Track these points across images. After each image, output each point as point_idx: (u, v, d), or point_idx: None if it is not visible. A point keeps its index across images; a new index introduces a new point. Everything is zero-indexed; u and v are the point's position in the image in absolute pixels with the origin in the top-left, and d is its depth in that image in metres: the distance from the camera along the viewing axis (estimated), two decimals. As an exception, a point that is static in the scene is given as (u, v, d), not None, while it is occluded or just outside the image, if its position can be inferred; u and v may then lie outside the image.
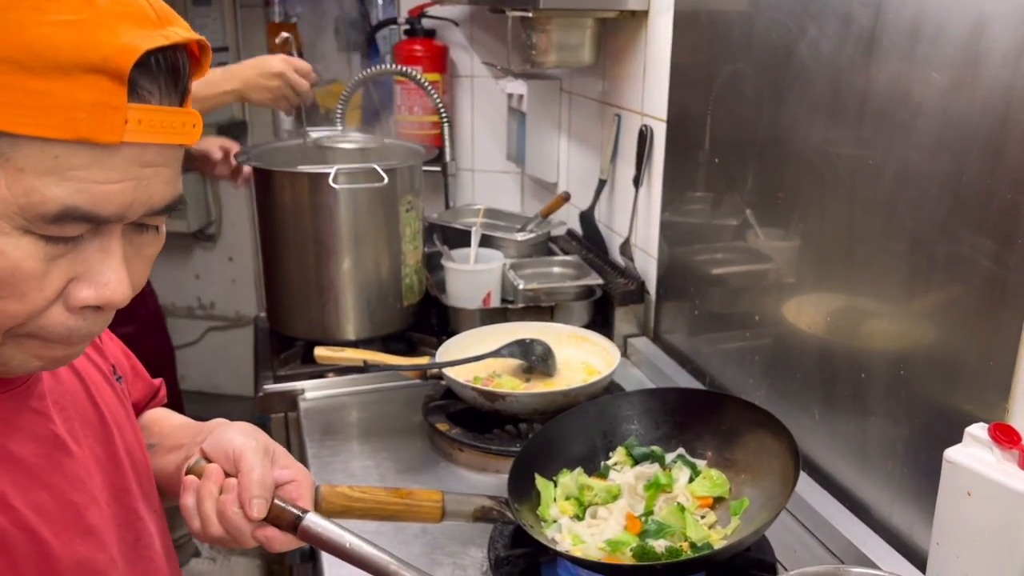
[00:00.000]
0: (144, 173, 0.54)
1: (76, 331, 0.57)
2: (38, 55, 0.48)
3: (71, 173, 0.51)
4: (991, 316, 0.88)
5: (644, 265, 1.67)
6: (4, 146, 0.50)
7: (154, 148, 0.54)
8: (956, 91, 0.90)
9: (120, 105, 0.51)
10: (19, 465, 0.61)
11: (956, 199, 0.91)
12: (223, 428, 0.77)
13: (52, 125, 0.50)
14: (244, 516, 0.71)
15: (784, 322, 1.24)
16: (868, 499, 1.08)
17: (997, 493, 0.80)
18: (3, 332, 0.55)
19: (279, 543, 0.73)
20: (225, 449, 0.74)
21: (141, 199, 0.55)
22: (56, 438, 0.65)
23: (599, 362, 1.45)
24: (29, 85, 0.49)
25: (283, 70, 1.60)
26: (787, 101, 1.18)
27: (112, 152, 0.52)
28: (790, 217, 1.21)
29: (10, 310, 0.54)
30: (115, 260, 0.56)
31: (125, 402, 0.79)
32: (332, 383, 1.52)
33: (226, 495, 0.72)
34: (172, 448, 0.82)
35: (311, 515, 0.72)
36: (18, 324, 0.55)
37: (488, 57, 2.30)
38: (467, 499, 0.98)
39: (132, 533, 0.71)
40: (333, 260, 1.56)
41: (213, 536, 0.72)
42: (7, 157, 0.50)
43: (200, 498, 0.72)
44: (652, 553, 0.96)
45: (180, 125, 0.55)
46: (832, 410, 1.14)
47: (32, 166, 0.50)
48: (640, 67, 1.64)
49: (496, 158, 2.36)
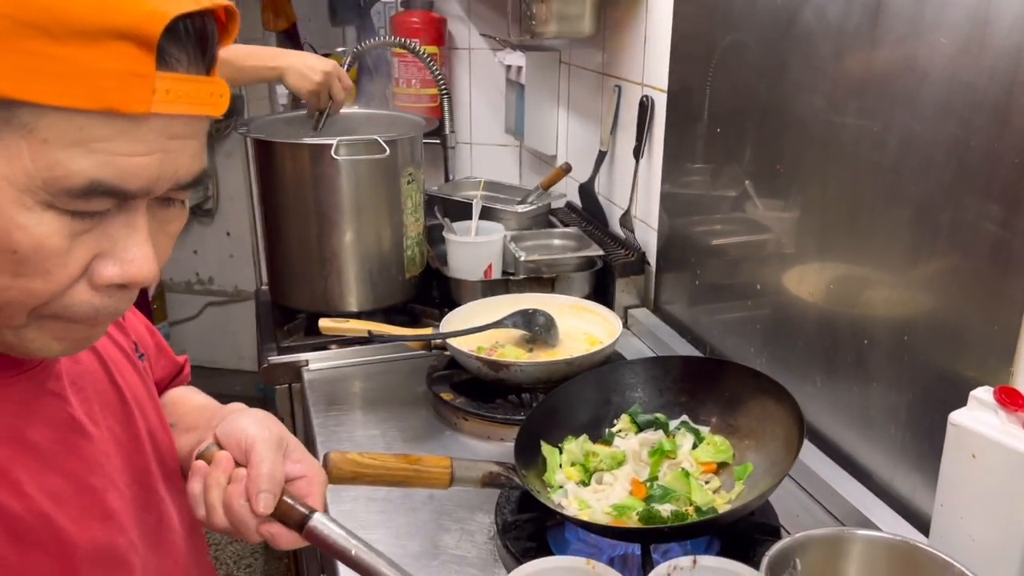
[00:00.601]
0: (171, 145, 0.52)
1: (102, 309, 0.55)
2: (62, 20, 0.46)
3: (96, 145, 0.49)
4: (996, 281, 0.89)
5: (644, 236, 1.68)
6: (26, 116, 0.47)
7: (181, 119, 0.52)
8: (964, 56, 0.90)
9: (148, 73, 0.49)
10: (34, 451, 0.59)
11: (962, 165, 0.92)
12: (237, 415, 0.74)
13: (77, 94, 0.47)
14: (250, 510, 0.68)
15: (785, 291, 1.25)
16: (870, 464, 1.09)
17: (1002, 455, 0.81)
18: (26, 313, 0.53)
19: (284, 541, 0.70)
20: (237, 437, 0.71)
21: (168, 173, 0.53)
22: (73, 421, 0.63)
23: (601, 332, 1.46)
24: (53, 52, 0.46)
25: (331, 71, 1.60)
26: (790, 69, 1.18)
27: (139, 123, 0.50)
28: (792, 186, 1.21)
29: (35, 289, 0.52)
30: (141, 236, 0.54)
31: (147, 381, 0.77)
32: (336, 354, 1.52)
33: (233, 486, 0.68)
34: (188, 429, 0.80)
35: (319, 515, 0.69)
36: (42, 304, 0.53)
37: (486, 29, 2.29)
38: (475, 465, 0.99)
39: (153, 515, 0.70)
40: (335, 232, 1.56)
41: (217, 526, 0.70)
42: (29, 128, 0.48)
43: (207, 486, 0.69)
44: (658, 517, 0.97)
45: (207, 95, 0.53)
46: (834, 377, 1.15)
47: (56, 138, 0.48)
48: (641, 37, 1.63)
49: (494, 131, 2.35)
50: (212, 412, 0.81)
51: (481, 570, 1.01)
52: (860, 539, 0.86)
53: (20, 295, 0.52)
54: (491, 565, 1.01)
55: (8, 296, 0.52)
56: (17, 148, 0.48)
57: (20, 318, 0.53)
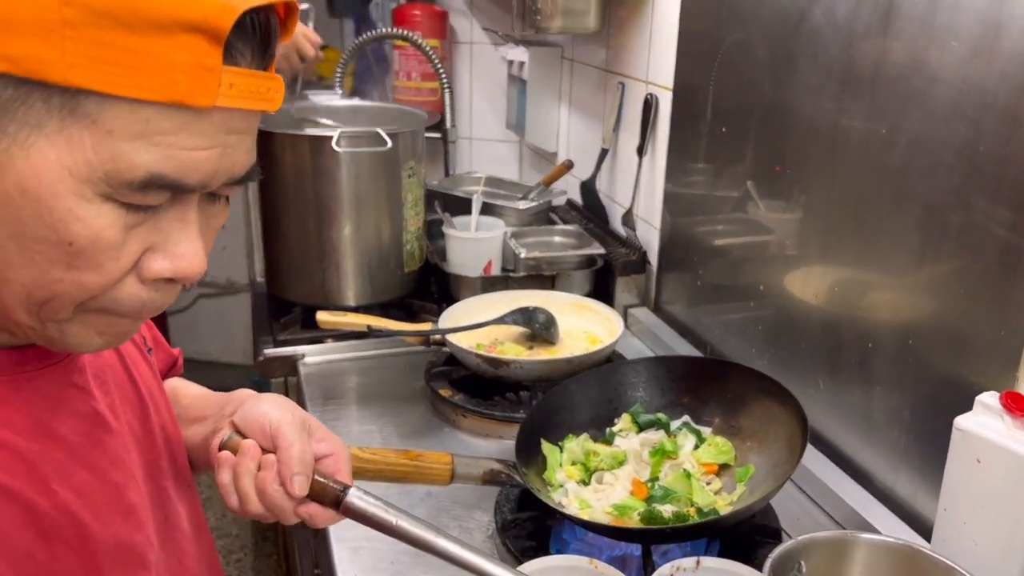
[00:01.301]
0: (229, 140, 0.52)
1: (148, 303, 0.54)
2: (138, 11, 0.46)
3: (160, 138, 0.48)
4: (1003, 285, 0.88)
5: (646, 235, 1.67)
6: (92, 107, 0.47)
7: (240, 114, 0.52)
8: (975, 58, 0.90)
9: (215, 67, 0.48)
10: (61, 445, 0.58)
11: (972, 167, 0.91)
12: (255, 401, 0.74)
13: (147, 86, 0.47)
14: (285, 493, 0.68)
15: (789, 293, 1.24)
16: (871, 467, 1.09)
17: (1007, 461, 0.81)
18: (74, 306, 0.52)
19: (322, 519, 0.71)
20: (261, 423, 0.71)
21: (225, 167, 0.52)
22: (97, 415, 0.63)
23: (601, 331, 1.45)
24: (126, 43, 0.46)
25: None
26: (799, 68, 1.17)
27: (202, 117, 0.49)
28: (797, 187, 1.21)
29: (86, 282, 0.51)
30: (192, 231, 0.54)
31: (157, 375, 0.76)
32: (332, 348, 1.51)
33: (265, 472, 0.69)
34: (194, 420, 0.80)
35: (353, 490, 0.70)
36: (91, 297, 0.52)
37: (488, 23, 2.28)
38: (476, 462, 0.98)
39: (162, 512, 0.69)
40: (334, 224, 1.54)
41: (252, 513, 0.70)
42: (94, 119, 0.47)
43: (237, 475, 0.69)
44: (660, 517, 0.96)
45: (266, 90, 0.52)
46: (837, 380, 1.14)
47: (121, 129, 0.47)
48: (646, 34, 1.62)
49: (494, 126, 2.34)
50: (220, 400, 0.80)
51: (479, 568, 0.99)
52: (863, 543, 0.85)
53: (71, 288, 0.51)
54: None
55: (59, 289, 0.51)
56: (80, 138, 0.47)
57: (67, 312, 0.53)
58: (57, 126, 0.47)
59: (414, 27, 2.14)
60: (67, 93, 0.46)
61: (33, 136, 0.47)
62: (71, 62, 0.45)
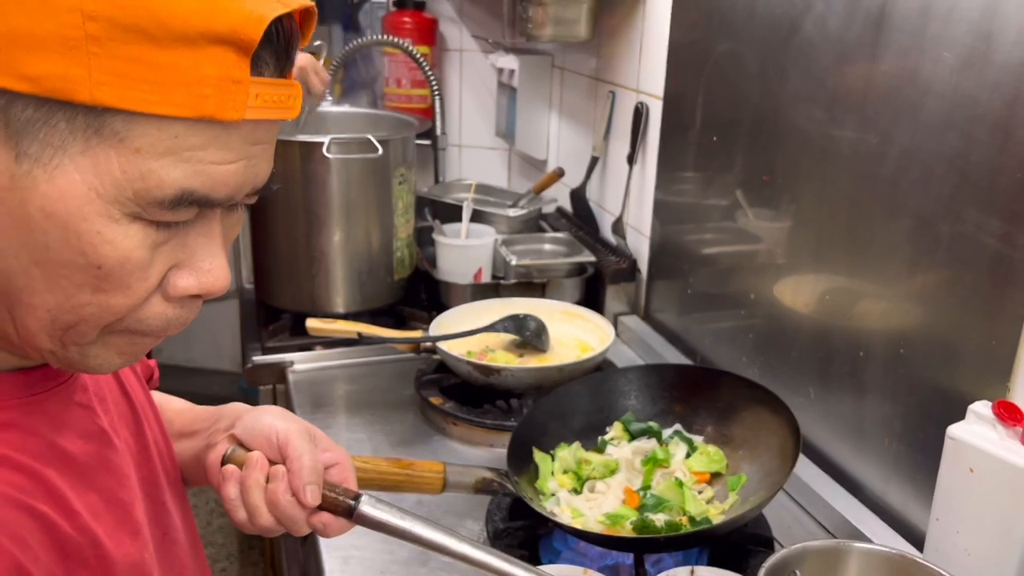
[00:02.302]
0: (254, 151, 0.50)
1: (174, 321, 0.53)
2: (165, 24, 0.44)
3: (189, 154, 0.47)
4: (995, 295, 0.89)
5: (636, 243, 1.67)
6: (118, 125, 0.45)
7: (264, 124, 0.51)
8: (967, 69, 0.90)
9: (244, 79, 0.47)
10: (73, 466, 0.57)
11: (963, 178, 0.92)
12: (256, 413, 0.73)
13: (176, 102, 0.45)
14: (297, 504, 0.67)
15: (779, 302, 1.24)
16: (862, 477, 1.09)
17: (1000, 470, 0.81)
18: (100, 329, 0.51)
19: (335, 529, 0.70)
20: (267, 435, 0.70)
21: (249, 179, 0.51)
22: (103, 433, 0.61)
23: (592, 339, 1.45)
24: (153, 58, 0.44)
25: (305, 66, 1.57)
26: (790, 79, 1.18)
27: (230, 130, 0.48)
28: (788, 197, 1.21)
29: (113, 304, 0.49)
30: (216, 245, 0.52)
31: (145, 386, 0.75)
32: (322, 355, 1.50)
33: (276, 483, 0.68)
34: (183, 435, 0.78)
35: (365, 498, 0.69)
36: (117, 319, 0.51)
37: (478, 31, 2.28)
38: (468, 471, 0.97)
39: (160, 528, 0.68)
40: (324, 231, 1.53)
41: (262, 526, 0.69)
42: (121, 137, 0.45)
43: (246, 488, 0.68)
44: (652, 527, 0.96)
45: (287, 99, 0.51)
46: (828, 389, 1.14)
47: (149, 147, 0.46)
48: (637, 43, 1.63)
49: (484, 134, 2.34)
50: (210, 415, 0.79)
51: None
52: (857, 552, 0.85)
53: (98, 311, 0.50)
54: (481, 573, 0.99)
55: (86, 312, 0.50)
56: (106, 158, 0.46)
57: (92, 335, 0.51)
58: (82, 146, 0.45)
59: (404, 34, 2.14)
60: (92, 112, 0.44)
61: (57, 157, 0.45)
62: (97, 79, 0.43)
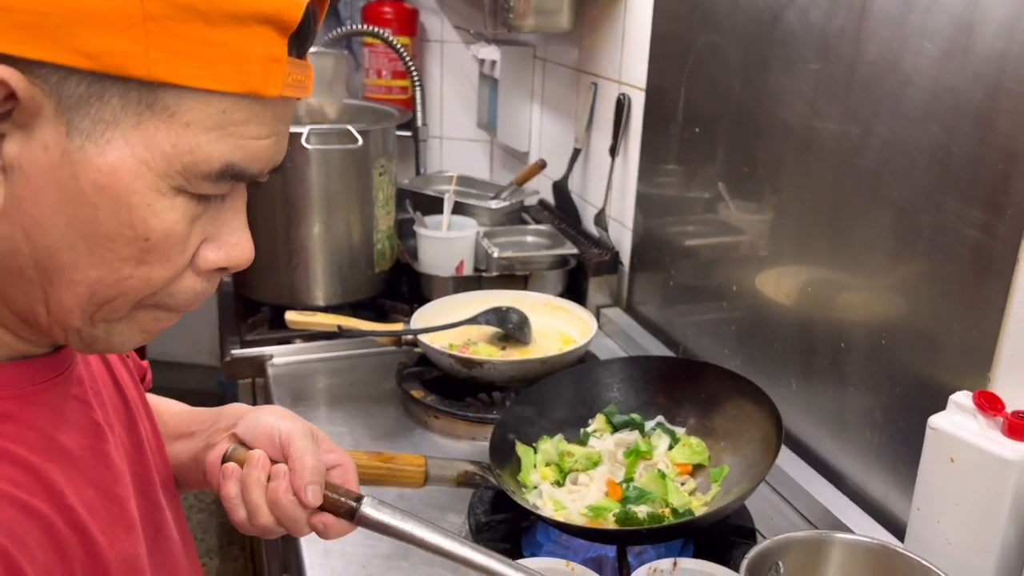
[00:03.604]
0: (281, 128, 0.53)
1: (200, 295, 0.54)
2: (216, 4, 0.46)
3: (233, 129, 0.49)
4: (976, 286, 0.89)
5: (618, 236, 1.66)
6: (170, 100, 0.47)
7: (290, 102, 0.53)
8: (948, 60, 0.90)
9: (282, 57, 0.49)
10: (69, 460, 0.56)
11: (944, 169, 0.92)
12: (258, 412, 0.73)
13: (225, 78, 0.47)
14: (298, 504, 0.67)
15: (761, 293, 1.24)
16: (844, 467, 1.09)
17: (980, 460, 0.81)
18: (133, 304, 0.52)
19: (336, 530, 0.69)
20: (269, 434, 0.70)
21: (277, 155, 0.53)
22: (98, 427, 0.61)
23: (575, 331, 1.44)
24: (205, 35, 0.46)
25: None
26: (772, 70, 1.18)
27: (267, 107, 0.50)
28: (771, 188, 1.21)
29: (154, 277, 0.51)
30: (242, 219, 0.55)
31: (138, 383, 0.74)
32: (301, 349, 1.49)
33: (277, 482, 0.67)
34: (179, 436, 0.78)
35: (368, 500, 0.68)
36: (152, 293, 0.52)
37: (459, 21, 2.26)
38: (450, 464, 0.96)
39: (153, 525, 0.67)
40: (303, 223, 1.52)
41: (262, 526, 0.68)
42: (172, 112, 0.47)
43: (246, 487, 0.68)
44: (635, 519, 0.96)
45: (306, 79, 0.53)
46: (810, 380, 1.14)
47: (198, 121, 0.48)
48: (619, 34, 1.62)
49: (465, 125, 2.32)
50: (209, 416, 0.78)
51: (453, 571, 0.98)
52: (839, 543, 0.85)
53: (138, 284, 0.51)
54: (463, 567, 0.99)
55: (126, 287, 0.51)
56: (155, 132, 0.48)
57: (125, 310, 0.52)
58: (134, 121, 0.47)
59: (384, 24, 2.12)
60: (145, 87, 0.46)
61: (109, 132, 0.47)
62: (154, 56, 0.45)
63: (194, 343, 3.35)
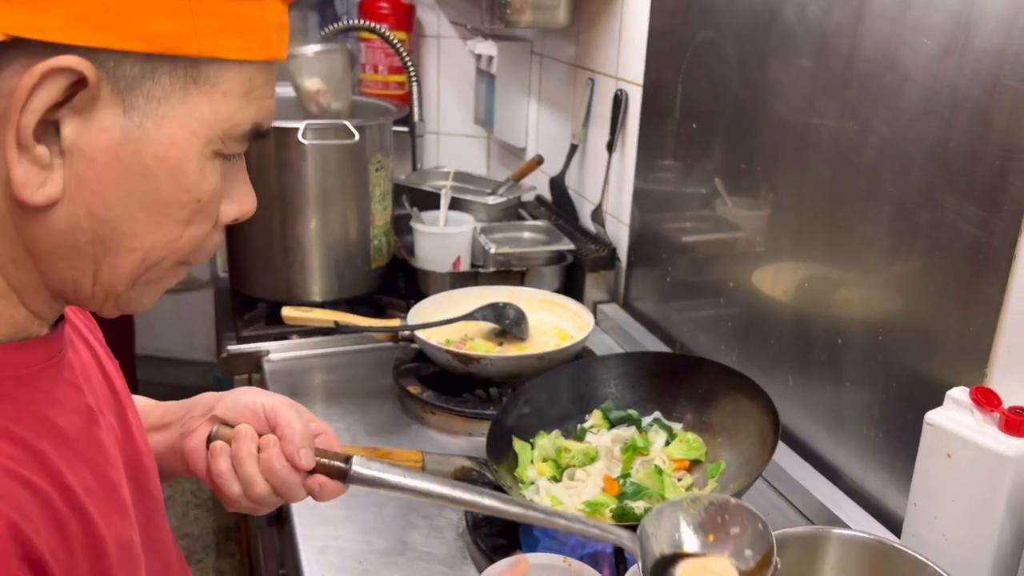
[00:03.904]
0: (276, 89, 0.58)
1: (216, 247, 0.59)
2: None
3: (256, 92, 0.54)
4: (973, 282, 0.89)
5: (615, 232, 1.66)
6: (211, 72, 0.52)
7: None
8: (946, 56, 0.90)
9: (287, 23, 0.55)
10: (65, 440, 0.57)
11: (942, 165, 0.92)
12: (236, 392, 0.76)
13: (254, 47, 0.53)
14: (292, 469, 0.70)
15: (758, 290, 1.24)
16: (841, 463, 1.09)
17: (977, 455, 0.81)
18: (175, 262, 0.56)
19: (330, 491, 0.72)
20: (254, 409, 0.73)
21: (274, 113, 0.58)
22: (91, 411, 0.62)
23: (571, 327, 1.44)
24: (237, 11, 0.52)
25: None
26: (770, 66, 1.18)
27: (273, 69, 0.56)
28: (768, 185, 1.21)
29: (199, 235, 0.56)
30: (245, 174, 0.59)
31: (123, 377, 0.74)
32: (298, 345, 1.48)
33: (269, 451, 0.70)
34: (153, 429, 0.79)
35: (357, 459, 0.71)
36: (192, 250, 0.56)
37: (456, 16, 2.25)
38: (447, 459, 0.96)
39: (144, 513, 0.67)
40: (300, 219, 1.51)
41: (258, 495, 0.71)
42: (212, 83, 0.52)
43: (238, 460, 0.71)
44: (632, 514, 0.96)
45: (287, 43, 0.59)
46: (807, 376, 1.15)
47: (233, 89, 0.53)
48: (616, 29, 1.62)
49: (462, 121, 2.32)
50: (183, 405, 0.80)
51: (450, 567, 0.98)
52: (835, 538, 0.85)
53: (187, 243, 0.55)
54: (460, 562, 0.99)
55: (176, 246, 0.55)
56: (199, 103, 0.52)
57: (166, 269, 0.56)
58: (181, 95, 0.51)
59: (381, 20, 2.11)
60: (191, 63, 0.51)
61: (162, 108, 0.51)
62: (201, 34, 0.50)
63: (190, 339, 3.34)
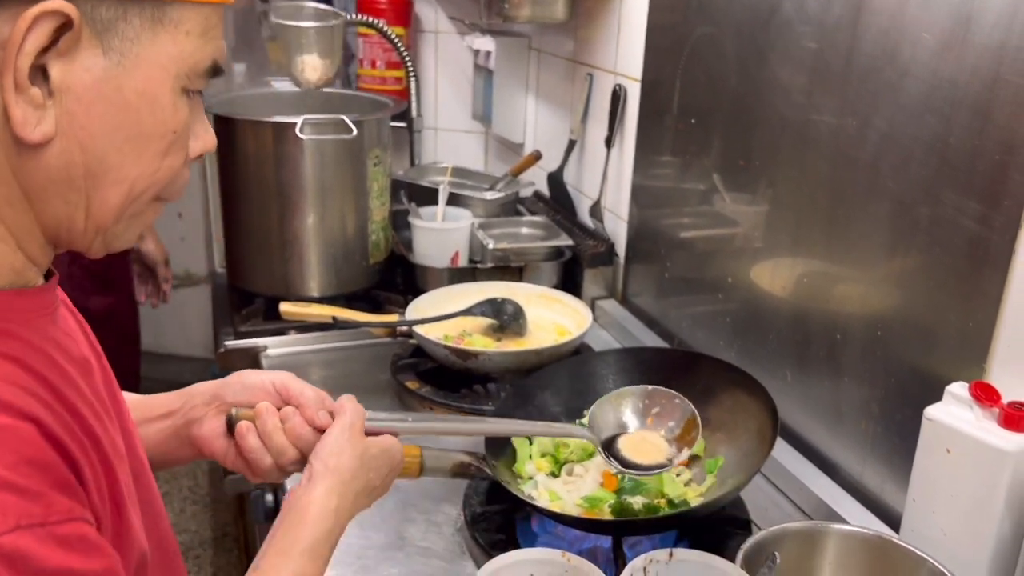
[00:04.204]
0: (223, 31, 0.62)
1: (185, 184, 0.62)
2: None
3: (212, 32, 0.59)
4: (972, 277, 0.89)
5: (614, 227, 1.66)
6: (175, 13, 0.57)
7: None
8: (946, 52, 0.90)
9: None
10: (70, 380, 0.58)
11: (942, 161, 0.92)
12: (237, 376, 0.81)
13: None
14: (316, 432, 0.77)
15: (757, 285, 1.24)
16: (840, 459, 1.09)
17: (976, 451, 0.82)
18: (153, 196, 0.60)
19: None
20: (264, 388, 0.79)
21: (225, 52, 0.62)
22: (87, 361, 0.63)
23: (569, 323, 1.44)
24: None
25: None
26: (769, 62, 1.17)
27: (222, 11, 0.60)
28: (767, 180, 1.21)
29: (175, 165, 0.60)
30: (203, 114, 0.63)
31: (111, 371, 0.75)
32: (296, 340, 1.48)
33: (292, 421, 0.77)
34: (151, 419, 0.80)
35: (370, 413, 0.80)
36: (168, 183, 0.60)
37: (454, 12, 2.25)
38: (445, 455, 0.96)
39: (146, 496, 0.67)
40: (298, 214, 1.51)
41: (290, 461, 0.77)
42: (176, 23, 0.57)
43: (266, 435, 0.77)
44: (630, 509, 0.96)
45: None
46: (805, 371, 1.15)
47: (194, 29, 0.58)
48: (614, 25, 1.61)
49: (460, 117, 2.31)
50: (182, 395, 0.82)
51: (448, 562, 0.98)
52: (834, 533, 0.85)
53: (165, 175, 0.59)
54: (458, 557, 0.99)
55: (156, 178, 0.59)
56: (167, 42, 0.57)
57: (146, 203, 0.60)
58: (150, 35, 0.56)
59: (379, 14, 2.11)
60: (157, 5, 0.56)
61: (136, 47, 0.55)
62: None
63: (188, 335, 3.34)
